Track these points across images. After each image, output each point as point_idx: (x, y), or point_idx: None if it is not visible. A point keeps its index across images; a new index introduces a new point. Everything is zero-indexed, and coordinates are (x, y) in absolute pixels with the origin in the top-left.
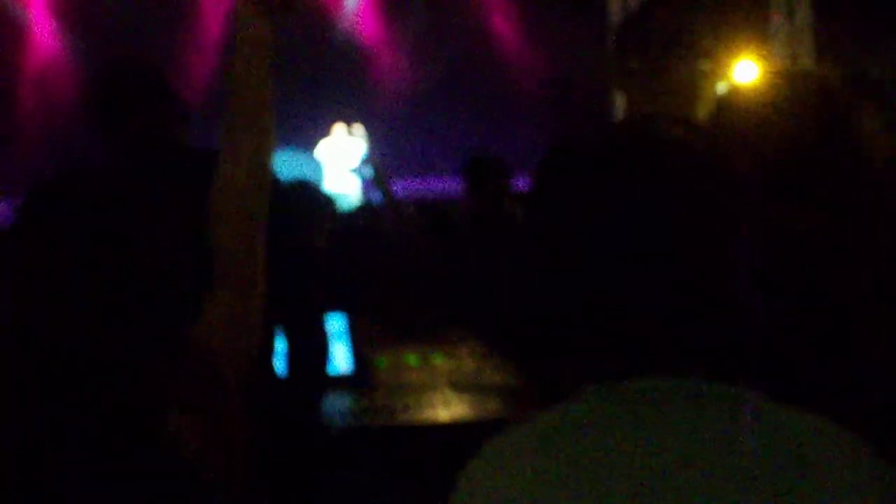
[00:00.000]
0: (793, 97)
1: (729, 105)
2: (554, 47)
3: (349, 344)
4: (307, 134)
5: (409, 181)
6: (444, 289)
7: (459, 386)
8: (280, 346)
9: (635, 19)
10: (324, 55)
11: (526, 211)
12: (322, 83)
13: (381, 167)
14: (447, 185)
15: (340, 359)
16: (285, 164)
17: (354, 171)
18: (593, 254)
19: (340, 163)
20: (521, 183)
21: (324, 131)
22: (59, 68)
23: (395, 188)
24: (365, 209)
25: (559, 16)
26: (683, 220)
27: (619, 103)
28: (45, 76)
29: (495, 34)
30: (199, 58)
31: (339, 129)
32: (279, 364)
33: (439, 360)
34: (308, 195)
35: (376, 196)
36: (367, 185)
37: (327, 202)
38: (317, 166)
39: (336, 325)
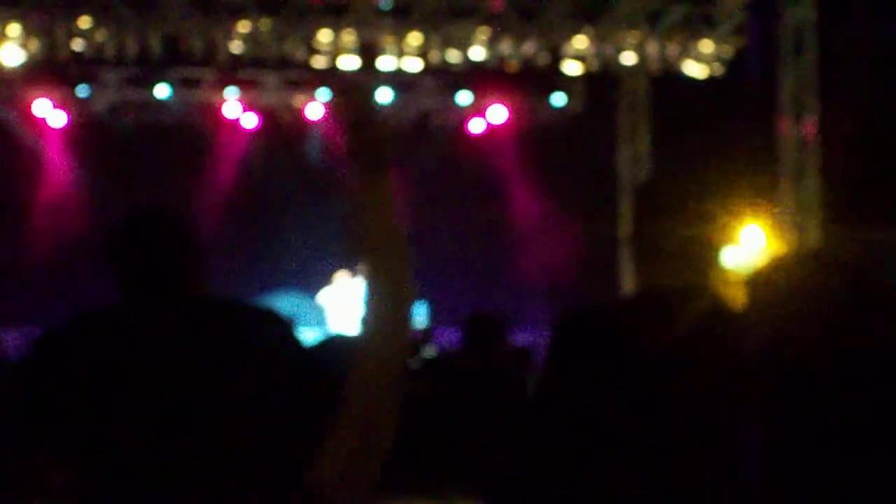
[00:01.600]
0: (831, 287)
1: (759, 286)
2: (565, 208)
3: None
4: (310, 279)
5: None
6: (441, 442)
7: None
8: None
9: (643, 188)
10: (327, 201)
11: (541, 378)
12: (325, 229)
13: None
14: (452, 336)
15: None
16: (287, 309)
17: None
18: (600, 425)
19: (343, 309)
20: (520, 337)
21: (327, 278)
22: (71, 201)
23: None
24: None
25: (572, 179)
26: (692, 406)
27: (628, 274)
28: (58, 209)
29: (502, 189)
30: (209, 196)
31: (341, 276)
32: None
33: None
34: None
35: None
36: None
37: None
38: (320, 311)
39: None
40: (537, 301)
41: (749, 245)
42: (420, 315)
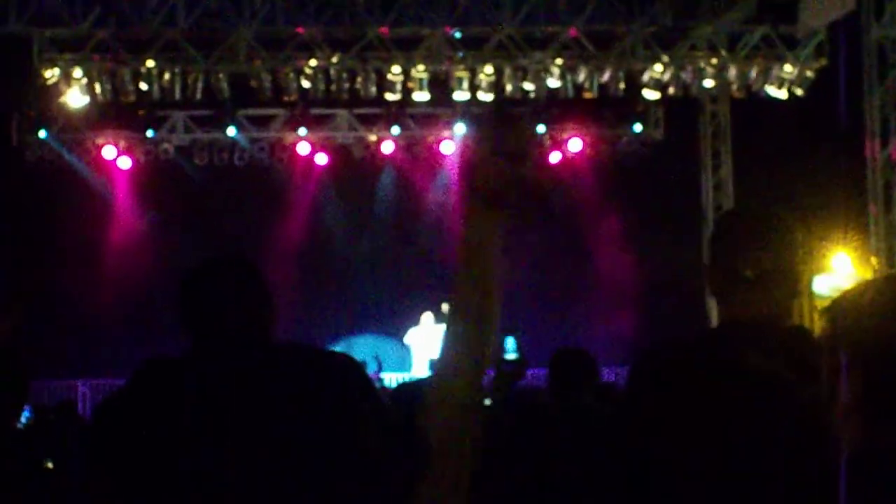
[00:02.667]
0: None
1: (838, 309)
2: (649, 238)
3: None
4: (393, 320)
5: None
6: (532, 488)
7: None
8: None
9: (726, 216)
10: (418, 241)
11: (617, 416)
12: (415, 270)
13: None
14: (539, 375)
15: None
16: (368, 350)
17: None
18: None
19: (429, 350)
20: (608, 374)
21: (414, 319)
22: (142, 246)
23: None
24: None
25: (655, 208)
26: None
27: (712, 304)
28: (129, 254)
29: (589, 226)
30: (284, 237)
31: (427, 317)
32: None
33: None
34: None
35: None
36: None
37: None
38: (405, 352)
39: None
40: (623, 336)
41: (841, 272)
42: (511, 349)
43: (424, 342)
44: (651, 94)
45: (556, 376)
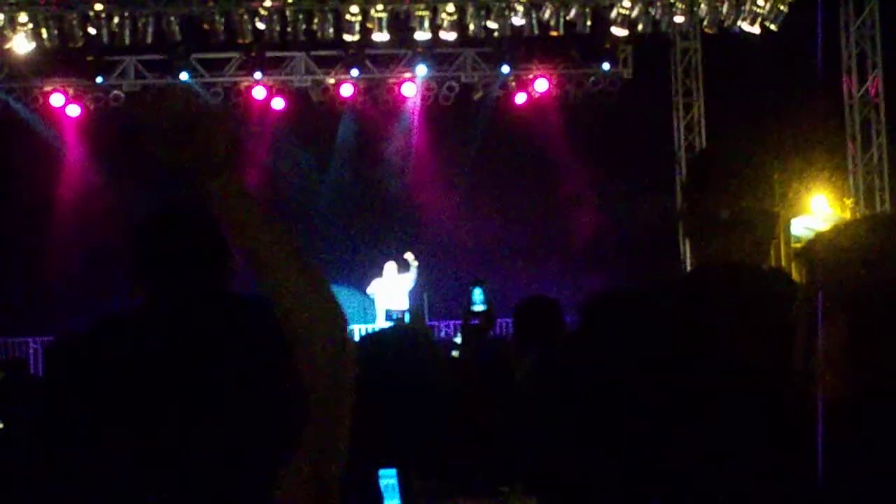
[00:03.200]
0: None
1: (815, 251)
2: (620, 179)
3: (402, 501)
4: (358, 271)
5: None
6: (500, 442)
7: None
8: None
9: (698, 158)
10: (380, 187)
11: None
12: (378, 217)
13: (419, 317)
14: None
15: None
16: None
17: (393, 316)
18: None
19: (392, 300)
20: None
21: (377, 269)
22: (92, 196)
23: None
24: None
25: (625, 149)
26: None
27: (688, 250)
28: (78, 205)
29: (557, 169)
30: None
31: (389, 266)
32: None
33: None
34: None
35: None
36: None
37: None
38: (370, 303)
39: (389, 481)
40: (595, 280)
41: (819, 214)
42: (478, 300)
43: (388, 292)
44: (619, 31)
45: (521, 327)
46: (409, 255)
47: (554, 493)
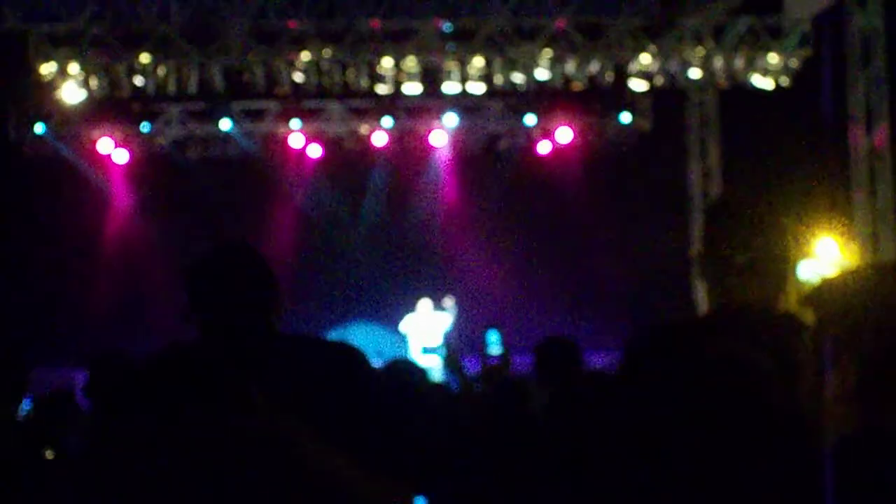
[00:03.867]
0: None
1: (823, 298)
2: (637, 227)
3: None
4: (389, 311)
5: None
6: (521, 475)
7: None
8: None
9: (714, 203)
10: (410, 231)
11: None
12: (408, 259)
13: (455, 351)
14: (524, 361)
15: None
16: (363, 339)
17: (430, 350)
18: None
19: (425, 337)
20: (597, 360)
21: (407, 308)
22: (139, 239)
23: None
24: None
25: (643, 198)
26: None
27: (701, 291)
28: (126, 247)
29: (578, 216)
30: (279, 228)
31: (424, 304)
32: None
33: None
34: (407, 370)
35: (453, 380)
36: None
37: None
38: (403, 340)
39: None
40: (612, 322)
41: (825, 258)
42: (494, 342)
43: (421, 329)
44: (638, 85)
45: (540, 364)
46: (448, 301)
47: None
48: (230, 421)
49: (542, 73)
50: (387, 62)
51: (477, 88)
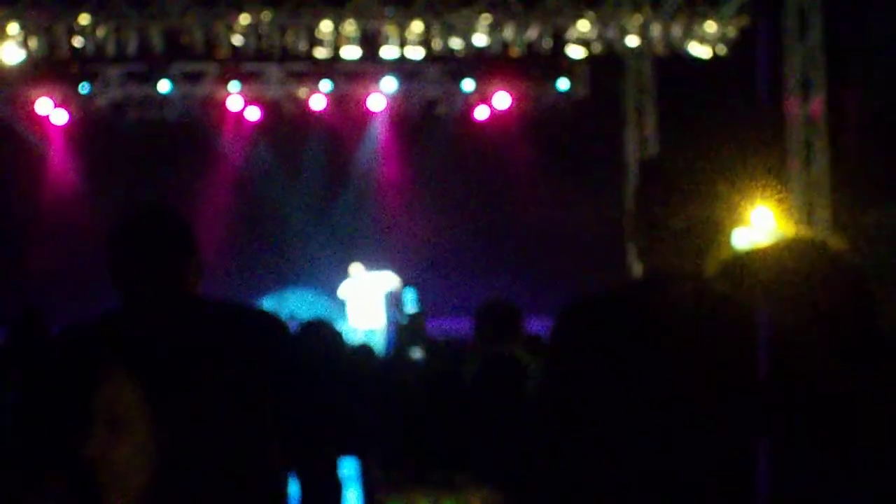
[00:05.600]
0: (808, 267)
1: (745, 268)
2: (573, 193)
3: (362, 489)
4: (328, 275)
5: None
6: (457, 434)
7: None
8: (293, 491)
9: (649, 164)
10: (347, 196)
11: (545, 364)
12: (344, 224)
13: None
14: (462, 325)
15: None
16: (300, 305)
17: (391, 316)
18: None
19: (363, 300)
20: (534, 326)
21: (347, 271)
22: (75, 200)
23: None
24: (375, 352)
25: (579, 164)
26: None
27: (633, 255)
28: (61, 208)
29: (514, 181)
30: (215, 191)
31: (356, 268)
32: None
33: None
34: (320, 333)
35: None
36: (393, 328)
37: (338, 340)
38: (340, 305)
39: (349, 469)
40: (546, 287)
41: (760, 227)
42: (410, 300)
43: (357, 293)
44: (576, 52)
45: (482, 327)
46: (354, 267)
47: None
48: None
49: (480, 39)
50: (325, 26)
51: (415, 53)
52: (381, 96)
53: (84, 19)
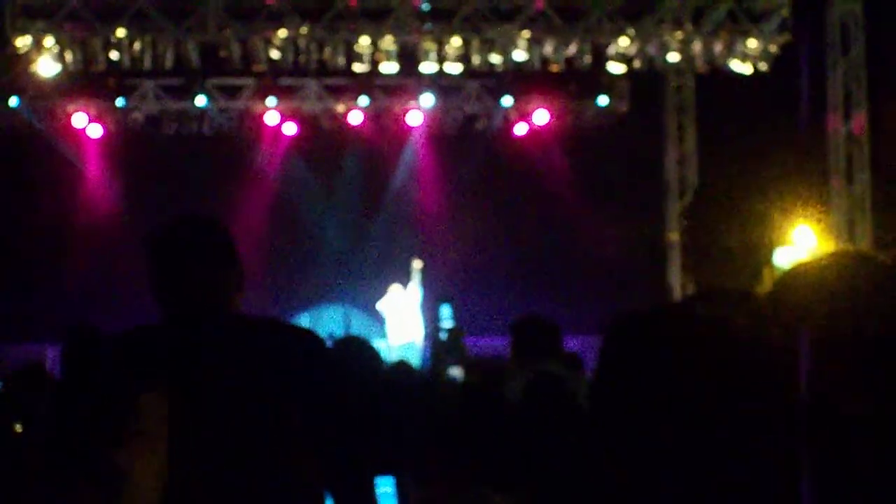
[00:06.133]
0: (855, 281)
1: (790, 286)
2: (611, 210)
3: None
4: (364, 291)
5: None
6: (499, 453)
7: None
8: None
9: (701, 189)
10: (384, 212)
11: (595, 383)
12: (381, 240)
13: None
14: (497, 343)
15: None
16: (336, 321)
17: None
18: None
19: (400, 315)
20: (574, 343)
21: (382, 289)
22: (110, 214)
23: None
24: (413, 370)
25: (618, 181)
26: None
27: (675, 274)
28: (97, 221)
29: (553, 197)
30: (252, 205)
31: (395, 288)
32: None
33: None
34: (356, 350)
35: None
36: (430, 343)
37: (375, 357)
38: (377, 322)
39: (385, 488)
40: (582, 306)
41: (802, 246)
42: (446, 316)
43: (395, 308)
44: (616, 68)
45: (522, 344)
46: (416, 263)
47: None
48: None
49: (519, 55)
50: (364, 41)
51: (454, 69)
52: (418, 112)
53: (120, 33)
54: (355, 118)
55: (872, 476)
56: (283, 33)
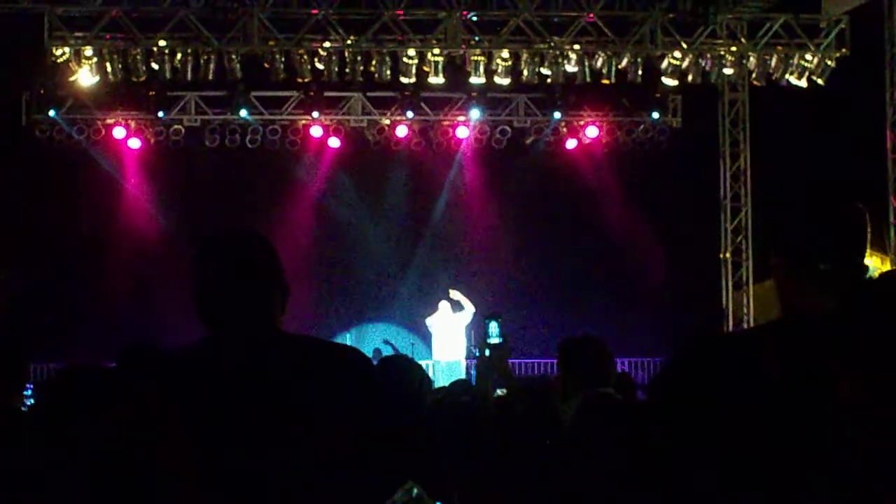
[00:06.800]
0: None
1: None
2: (666, 234)
3: None
4: (409, 308)
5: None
6: (550, 476)
7: None
8: None
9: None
10: (431, 227)
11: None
12: (428, 255)
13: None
14: (541, 363)
15: None
16: (384, 337)
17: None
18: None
19: (446, 332)
20: (623, 365)
21: (427, 305)
22: (151, 228)
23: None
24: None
25: (671, 196)
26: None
27: (729, 294)
28: (138, 235)
29: (604, 214)
30: (296, 221)
31: (444, 306)
32: None
33: None
34: (403, 370)
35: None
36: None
37: (422, 377)
38: (422, 339)
39: None
40: (633, 326)
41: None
42: (494, 333)
43: (441, 325)
44: (669, 81)
45: (574, 366)
46: (453, 293)
47: None
48: None
49: (570, 68)
50: (410, 53)
51: (502, 82)
52: (466, 126)
53: (161, 43)
54: (401, 132)
55: None
56: (327, 45)
